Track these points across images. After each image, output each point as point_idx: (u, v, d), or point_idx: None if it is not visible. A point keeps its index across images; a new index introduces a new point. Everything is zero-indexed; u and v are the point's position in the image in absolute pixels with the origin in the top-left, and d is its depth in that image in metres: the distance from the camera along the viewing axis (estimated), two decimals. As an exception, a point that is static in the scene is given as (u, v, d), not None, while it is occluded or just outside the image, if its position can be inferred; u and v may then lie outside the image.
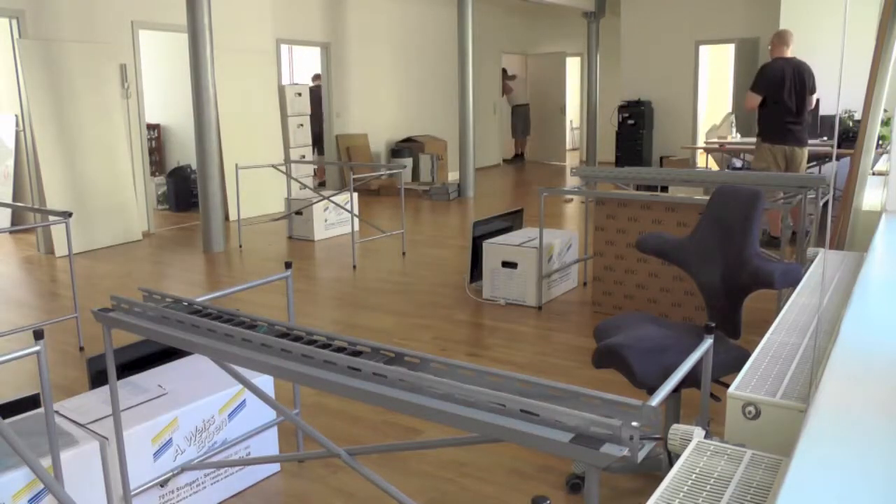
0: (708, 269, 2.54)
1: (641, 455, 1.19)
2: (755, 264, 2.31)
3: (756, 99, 5.58)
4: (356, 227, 6.49)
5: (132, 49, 7.32)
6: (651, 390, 2.17)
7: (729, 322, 2.42)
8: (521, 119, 14.26)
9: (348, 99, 10.42)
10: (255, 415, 2.60)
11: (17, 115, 7.46)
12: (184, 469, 2.35)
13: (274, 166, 7.26)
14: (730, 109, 9.97)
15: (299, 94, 9.07)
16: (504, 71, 13.68)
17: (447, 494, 2.52)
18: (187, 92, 6.62)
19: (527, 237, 4.88)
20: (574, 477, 2.53)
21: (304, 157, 9.14)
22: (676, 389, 2.40)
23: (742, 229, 2.41)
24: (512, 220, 5.41)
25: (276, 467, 2.68)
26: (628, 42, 11.76)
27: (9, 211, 7.81)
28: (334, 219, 7.21)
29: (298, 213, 7.08)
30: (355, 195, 7.07)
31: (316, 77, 8.43)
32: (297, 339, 1.75)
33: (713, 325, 1.70)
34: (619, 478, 2.59)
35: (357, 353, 1.65)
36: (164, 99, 9.34)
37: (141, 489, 2.24)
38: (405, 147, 10.99)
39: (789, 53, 5.64)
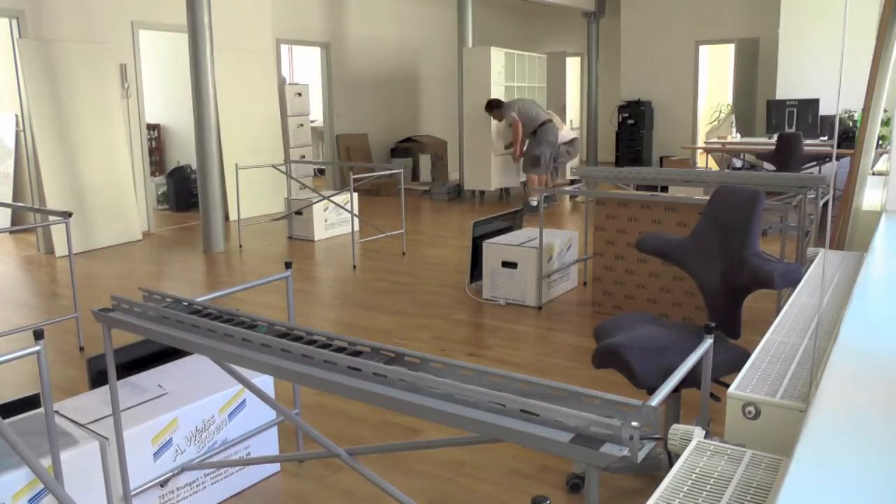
0: (708, 269, 2.54)
1: (641, 455, 1.19)
2: (755, 264, 2.31)
3: None
4: (356, 227, 6.49)
5: (132, 49, 7.32)
6: (651, 390, 2.17)
7: (729, 322, 2.42)
8: None
9: (348, 99, 10.43)
10: (255, 415, 2.60)
11: (17, 115, 7.47)
12: (184, 469, 2.35)
13: (274, 166, 7.26)
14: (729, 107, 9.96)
15: (299, 94, 9.08)
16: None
17: (447, 494, 2.52)
18: (187, 92, 6.62)
19: (527, 237, 4.87)
20: (574, 477, 2.53)
21: (304, 157, 9.14)
22: (676, 389, 2.40)
23: (742, 229, 2.41)
24: (512, 220, 5.40)
25: (276, 467, 2.68)
26: (628, 42, 11.77)
27: (9, 211, 7.81)
28: (334, 219, 7.22)
29: (298, 213, 7.08)
30: (355, 195, 7.07)
31: None
32: (297, 339, 1.75)
33: (713, 324, 1.70)
34: (619, 478, 2.59)
35: (357, 353, 1.65)
36: (164, 99, 9.34)
37: (141, 489, 2.25)
38: (405, 147, 10.99)
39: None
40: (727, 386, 1.52)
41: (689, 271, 2.63)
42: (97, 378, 2.56)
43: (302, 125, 9.11)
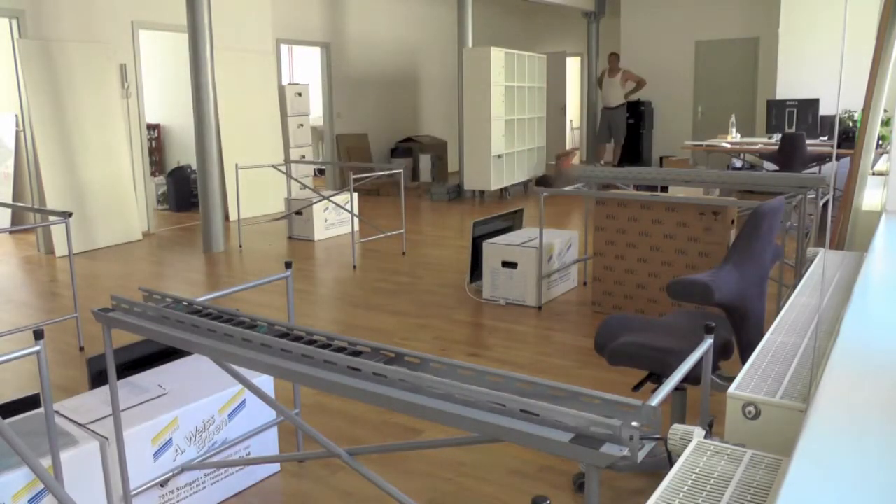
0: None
1: (641, 455, 1.19)
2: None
3: None
4: (356, 227, 6.49)
5: (132, 49, 7.32)
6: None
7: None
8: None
9: (348, 99, 10.43)
10: (255, 415, 2.60)
11: (17, 115, 7.47)
12: (184, 469, 2.35)
13: (274, 166, 7.26)
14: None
15: (299, 94, 9.08)
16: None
17: (447, 494, 2.52)
18: (187, 92, 6.62)
19: (527, 237, 4.87)
20: (581, 476, 2.53)
21: (304, 157, 9.14)
22: (678, 388, 2.40)
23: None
24: (512, 220, 5.41)
25: (276, 467, 2.68)
26: (628, 42, 11.76)
27: (9, 211, 7.81)
28: (334, 219, 7.21)
29: (298, 213, 7.08)
30: (355, 195, 7.07)
31: None
32: (297, 339, 1.75)
33: (713, 324, 1.70)
34: (620, 478, 2.59)
35: (357, 353, 1.65)
36: (164, 99, 9.34)
37: (141, 489, 2.25)
38: (405, 147, 10.99)
39: None
40: (728, 381, 1.52)
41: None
42: (97, 378, 2.55)
43: (302, 125, 9.11)
